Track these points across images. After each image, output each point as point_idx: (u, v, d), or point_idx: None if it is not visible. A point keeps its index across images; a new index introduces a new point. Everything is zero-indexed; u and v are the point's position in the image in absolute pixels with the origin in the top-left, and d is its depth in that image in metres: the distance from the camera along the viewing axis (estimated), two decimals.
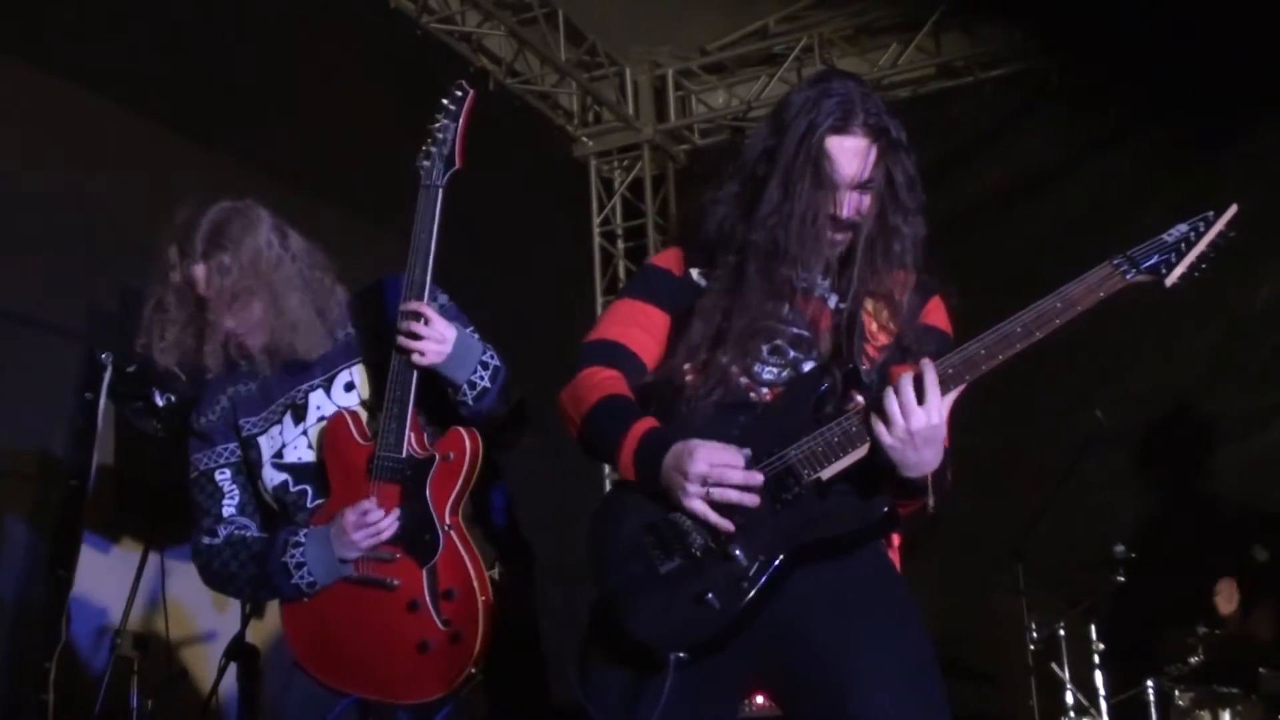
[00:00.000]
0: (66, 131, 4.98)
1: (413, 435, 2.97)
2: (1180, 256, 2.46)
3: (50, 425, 4.78)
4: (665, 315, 2.74)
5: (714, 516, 2.43)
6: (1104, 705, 5.65)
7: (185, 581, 4.89)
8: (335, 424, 3.07)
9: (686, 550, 2.47)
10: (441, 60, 7.31)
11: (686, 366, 2.62)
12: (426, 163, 3.02)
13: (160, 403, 4.30)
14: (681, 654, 2.41)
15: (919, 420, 2.36)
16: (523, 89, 8.10)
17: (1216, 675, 5.24)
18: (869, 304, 2.65)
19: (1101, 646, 5.67)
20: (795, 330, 2.65)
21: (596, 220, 8.67)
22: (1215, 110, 6.76)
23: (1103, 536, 5.85)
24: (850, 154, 2.60)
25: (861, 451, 2.45)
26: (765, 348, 2.63)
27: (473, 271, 3.17)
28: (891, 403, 2.37)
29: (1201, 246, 2.47)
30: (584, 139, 8.71)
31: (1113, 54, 7.04)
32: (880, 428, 2.38)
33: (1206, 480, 6.58)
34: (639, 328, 2.74)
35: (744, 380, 2.61)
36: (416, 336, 2.91)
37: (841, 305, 2.68)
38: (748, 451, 2.47)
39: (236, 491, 3.18)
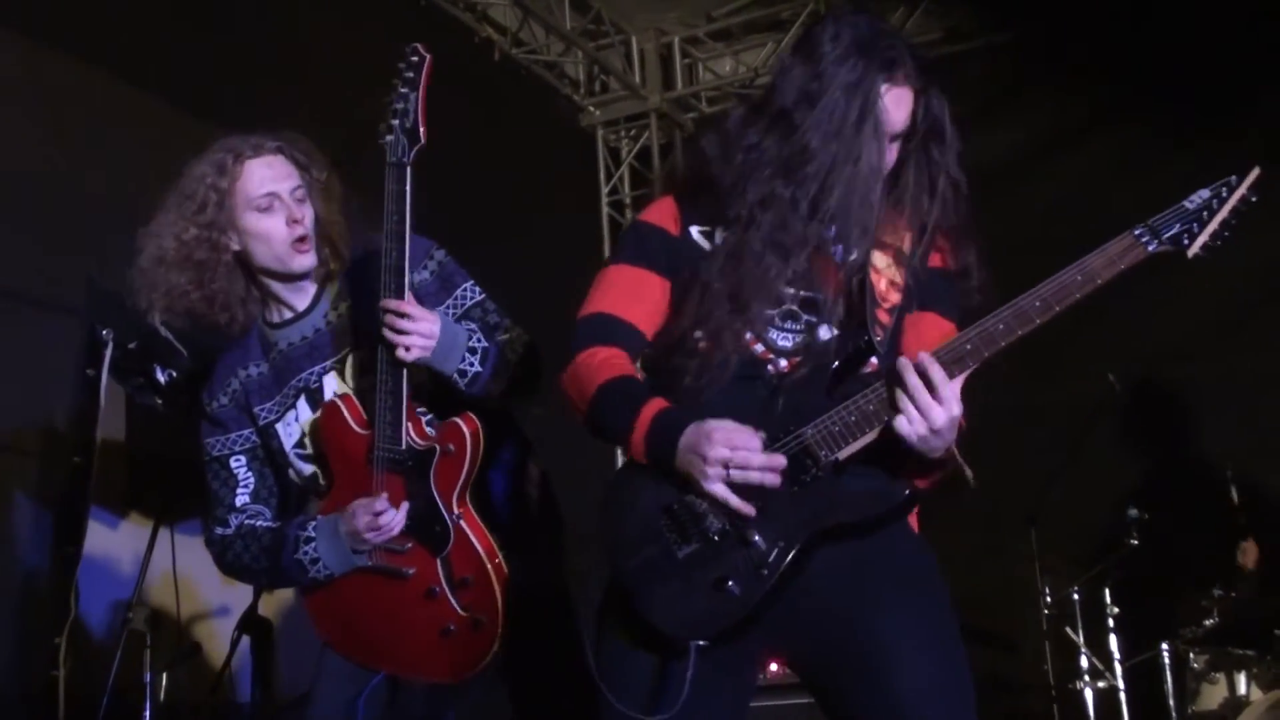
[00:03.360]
0: (62, 105, 4.96)
1: (410, 425, 2.91)
2: (1203, 225, 2.41)
3: (53, 402, 4.77)
4: (664, 280, 2.59)
5: (735, 500, 2.36)
6: (1119, 669, 5.66)
7: (196, 556, 4.88)
8: (329, 413, 3.01)
9: (704, 534, 2.40)
10: (446, 31, 7.26)
11: (699, 334, 2.52)
12: (390, 137, 2.88)
13: (162, 379, 4.29)
14: (703, 642, 2.36)
15: (939, 418, 2.32)
16: (528, 59, 8.05)
17: (1232, 638, 5.22)
18: (876, 257, 2.55)
19: (1116, 610, 5.68)
20: (805, 292, 2.55)
21: (604, 190, 8.62)
22: (1235, 71, 6.69)
23: (1116, 500, 5.84)
24: (900, 103, 2.52)
25: (879, 430, 2.40)
26: (775, 312, 2.54)
27: (480, 243, 3.14)
28: (907, 405, 2.32)
29: (1224, 213, 2.41)
30: (591, 108, 8.66)
31: (1125, 14, 6.97)
32: (903, 425, 2.33)
33: (1221, 443, 6.54)
34: (635, 298, 2.59)
35: (759, 348, 2.53)
36: (402, 330, 2.83)
37: (848, 258, 2.57)
38: (763, 434, 2.38)
39: (252, 478, 3.14)
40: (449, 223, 3.06)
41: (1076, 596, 5.75)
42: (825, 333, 2.55)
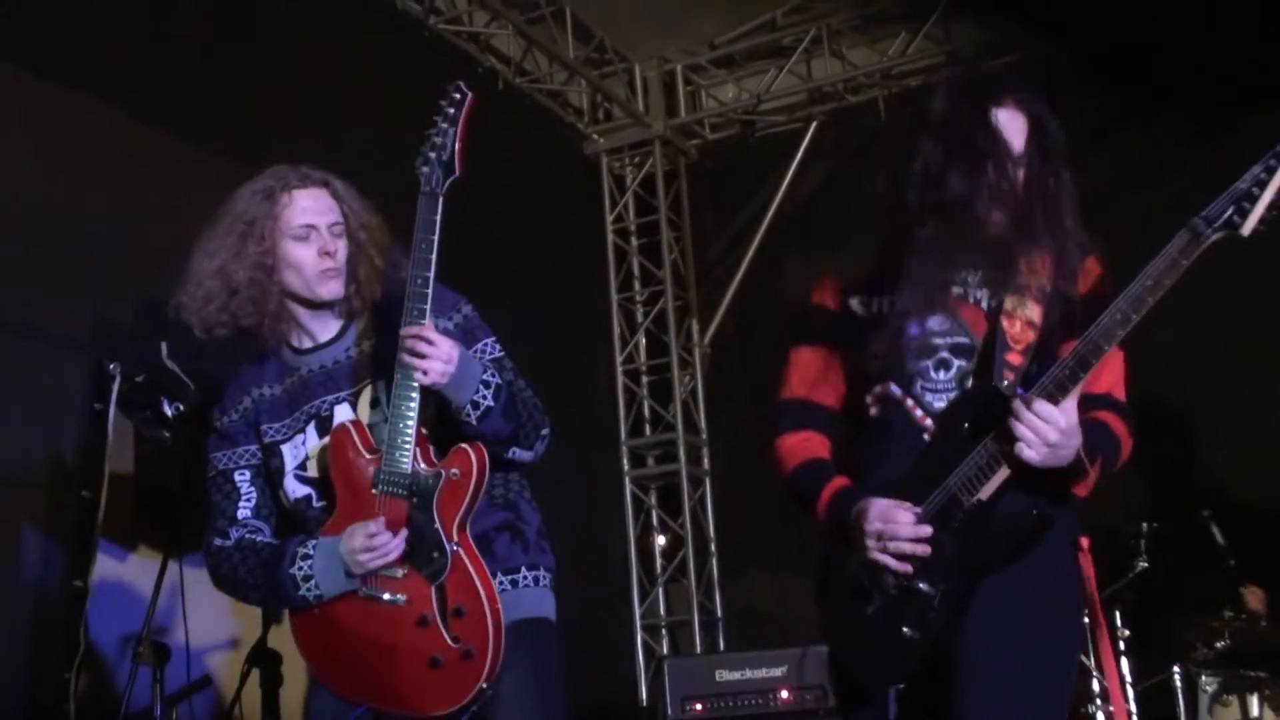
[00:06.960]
0: (69, 140, 4.97)
1: (418, 450, 2.92)
2: (1254, 200, 2.45)
3: (60, 436, 4.78)
4: (836, 353, 2.89)
5: (893, 563, 2.66)
6: (1130, 692, 5.62)
7: (206, 588, 4.89)
8: (338, 437, 3.02)
9: (884, 591, 2.70)
10: (449, 61, 7.29)
11: (869, 400, 2.81)
12: (426, 168, 2.94)
13: (169, 413, 4.30)
14: (900, 686, 2.72)
15: (1051, 435, 2.50)
16: (532, 88, 8.09)
17: (1243, 660, 5.21)
18: (1010, 302, 2.69)
19: (1127, 633, 5.65)
20: (954, 339, 2.73)
21: (610, 218, 8.64)
22: (1236, 87, 6.69)
23: (1126, 521, 5.82)
24: (1012, 125, 2.70)
25: (1009, 465, 2.57)
26: (929, 364, 2.73)
27: (487, 272, 3.14)
28: (1023, 433, 2.51)
29: (1276, 184, 2.44)
30: (595, 136, 8.69)
31: (1123, 36, 6.98)
32: (1024, 451, 2.52)
33: (1231, 462, 6.52)
34: (820, 378, 2.92)
35: (918, 413, 2.74)
36: (422, 353, 2.85)
37: (991, 303, 2.73)
38: (918, 510, 2.64)
39: (254, 494, 3.14)
40: (453, 252, 3.07)
41: (1086, 620, 5.71)
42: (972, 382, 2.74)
